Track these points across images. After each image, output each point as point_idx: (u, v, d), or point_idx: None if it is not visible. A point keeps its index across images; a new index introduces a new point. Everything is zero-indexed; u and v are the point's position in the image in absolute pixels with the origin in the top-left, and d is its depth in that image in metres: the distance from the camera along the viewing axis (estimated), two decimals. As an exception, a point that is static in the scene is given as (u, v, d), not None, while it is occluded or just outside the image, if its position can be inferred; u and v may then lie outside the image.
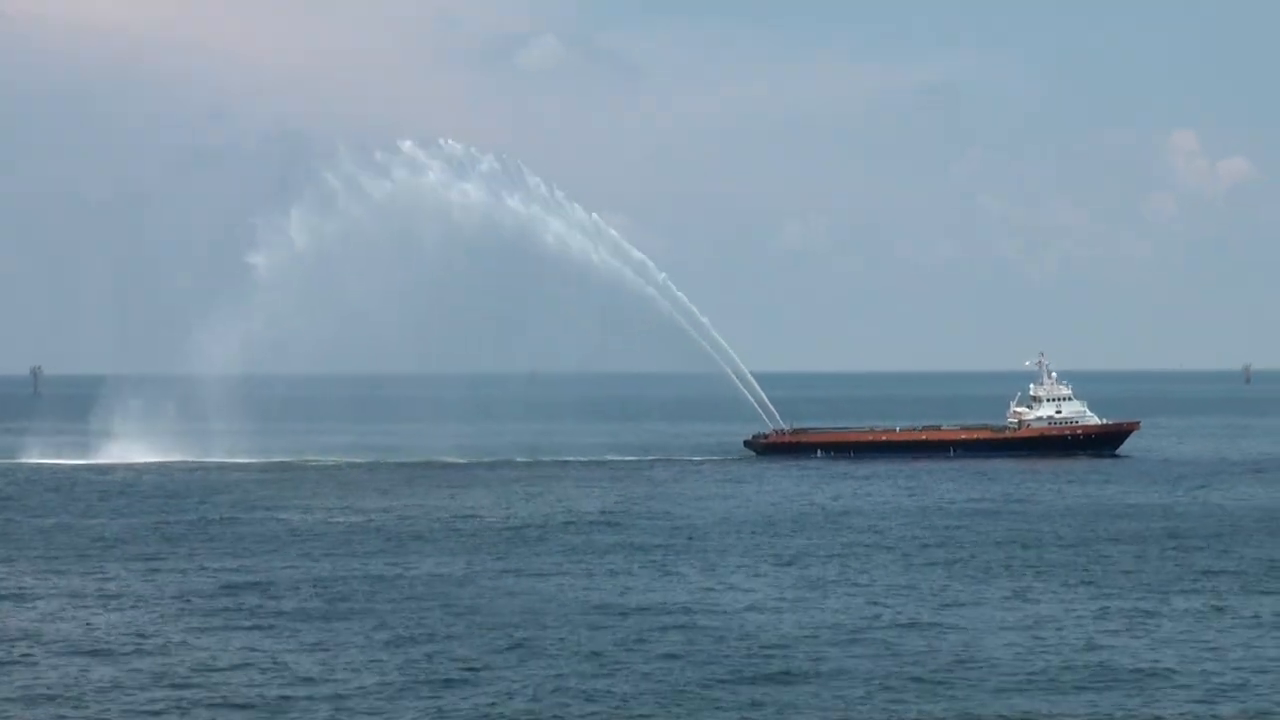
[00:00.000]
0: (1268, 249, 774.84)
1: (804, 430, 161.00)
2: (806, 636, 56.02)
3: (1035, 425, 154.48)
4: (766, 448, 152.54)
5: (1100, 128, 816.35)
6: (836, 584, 68.53)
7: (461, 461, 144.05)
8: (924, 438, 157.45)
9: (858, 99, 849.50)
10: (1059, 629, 57.61)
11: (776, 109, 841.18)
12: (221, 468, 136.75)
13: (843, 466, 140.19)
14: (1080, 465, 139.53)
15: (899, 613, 60.91)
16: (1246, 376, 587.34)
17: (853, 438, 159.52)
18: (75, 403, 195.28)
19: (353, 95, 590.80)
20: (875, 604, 63.07)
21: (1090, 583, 68.65)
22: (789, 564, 74.92)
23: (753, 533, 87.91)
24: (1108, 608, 62.10)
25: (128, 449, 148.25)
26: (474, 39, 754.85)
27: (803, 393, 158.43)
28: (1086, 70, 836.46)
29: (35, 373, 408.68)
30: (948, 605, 62.78)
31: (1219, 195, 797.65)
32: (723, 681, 49.22)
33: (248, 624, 59.19)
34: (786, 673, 50.33)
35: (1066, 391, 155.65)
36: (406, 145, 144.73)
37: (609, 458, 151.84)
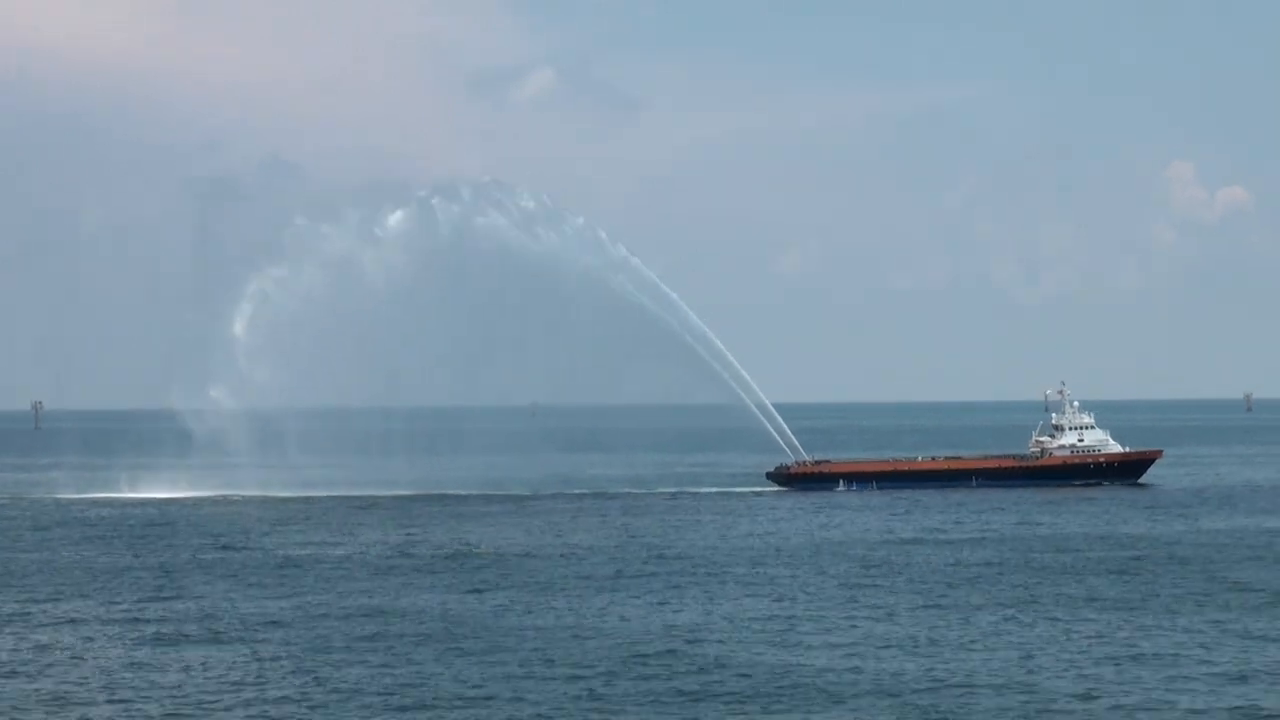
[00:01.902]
0: (1266, 276, 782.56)
1: (826, 461, 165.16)
2: (817, 670, 58.95)
3: (1058, 454, 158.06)
4: (790, 479, 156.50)
5: (1097, 155, 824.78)
6: (857, 617, 71.48)
7: (470, 494, 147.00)
8: (946, 467, 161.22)
9: (853, 126, 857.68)
10: (1065, 659, 60.52)
11: (772, 137, 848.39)
12: (215, 501, 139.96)
13: (866, 497, 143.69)
14: (1104, 494, 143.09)
15: (905, 644, 63.97)
16: (1248, 405, 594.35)
17: (875, 468, 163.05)
18: (75, 438, 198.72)
19: (348, 125, 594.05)
20: (885, 634, 66.21)
21: (1119, 613, 71.71)
22: (801, 595, 77.70)
23: (769, 564, 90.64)
24: (1134, 642, 65.03)
25: (130, 484, 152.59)
26: (470, 70, 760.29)
27: (798, 424, 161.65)
28: (1083, 97, 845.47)
29: (36, 408, 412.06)
30: (951, 640, 65.88)
31: (1216, 223, 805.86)
32: (718, 706, 52.24)
33: (241, 653, 62.22)
34: (788, 699, 53.34)
35: (1089, 420, 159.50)
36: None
37: (631, 490, 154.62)
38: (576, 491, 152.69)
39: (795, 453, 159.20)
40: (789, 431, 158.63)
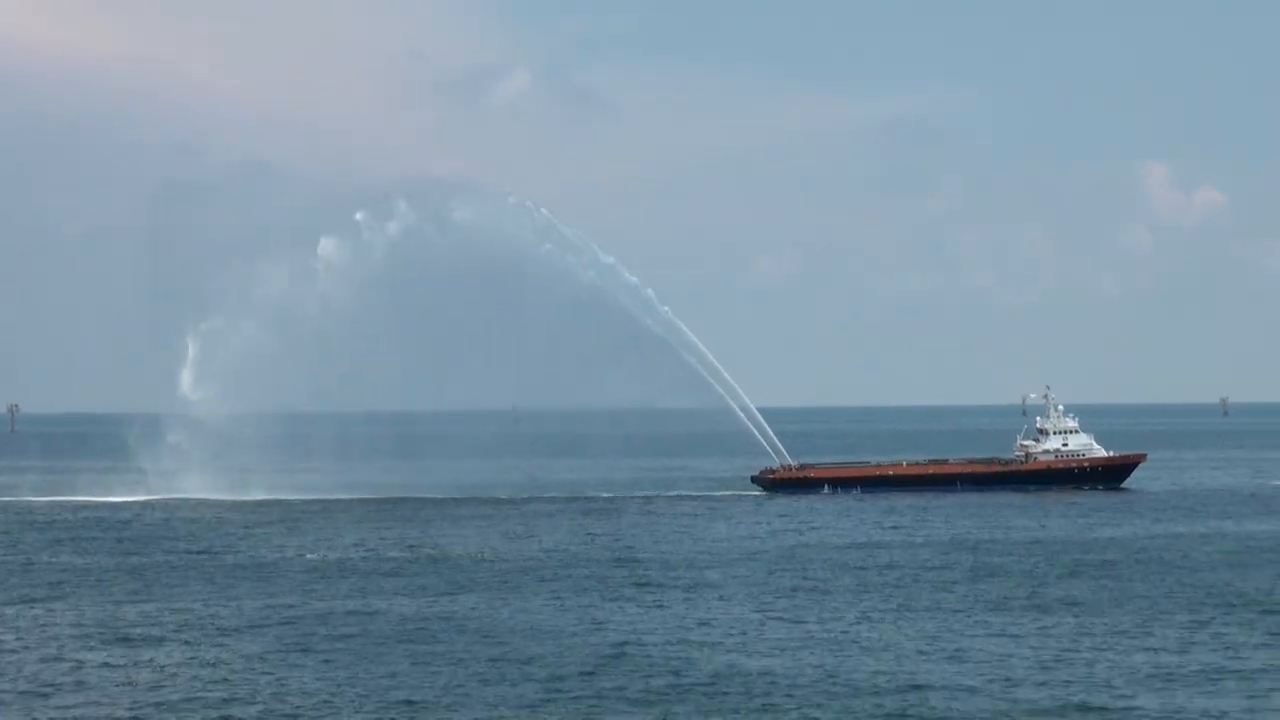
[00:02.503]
0: (1242, 280, 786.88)
1: (811, 465, 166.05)
2: (786, 675, 60.00)
3: (1042, 458, 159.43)
4: (774, 483, 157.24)
5: (1074, 158, 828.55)
6: (828, 620, 72.52)
7: (449, 498, 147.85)
8: (931, 472, 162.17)
9: (832, 132, 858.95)
10: (1034, 662, 61.72)
11: (749, 142, 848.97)
12: (199, 504, 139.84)
13: (849, 502, 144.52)
14: (1086, 499, 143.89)
15: (874, 646, 65.15)
16: (1224, 409, 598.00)
17: (860, 473, 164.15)
18: (52, 441, 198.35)
19: (323, 130, 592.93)
20: (861, 642, 67.31)
21: (1089, 618, 72.83)
22: (780, 600, 78.64)
23: (747, 568, 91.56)
24: (1102, 642, 66.24)
25: (104, 487, 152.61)
26: (449, 73, 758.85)
27: (774, 428, 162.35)
28: (1061, 101, 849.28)
29: (12, 410, 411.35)
30: (920, 642, 66.97)
31: (1192, 226, 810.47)
32: (686, 709, 53.28)
33: (228, 658, 63.22)
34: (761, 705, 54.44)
35: (1073, 424, 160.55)
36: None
37: (614, 495, 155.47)
38: (557, 496, 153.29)
39: (780, 457, 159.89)
40: (773, 436, 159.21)
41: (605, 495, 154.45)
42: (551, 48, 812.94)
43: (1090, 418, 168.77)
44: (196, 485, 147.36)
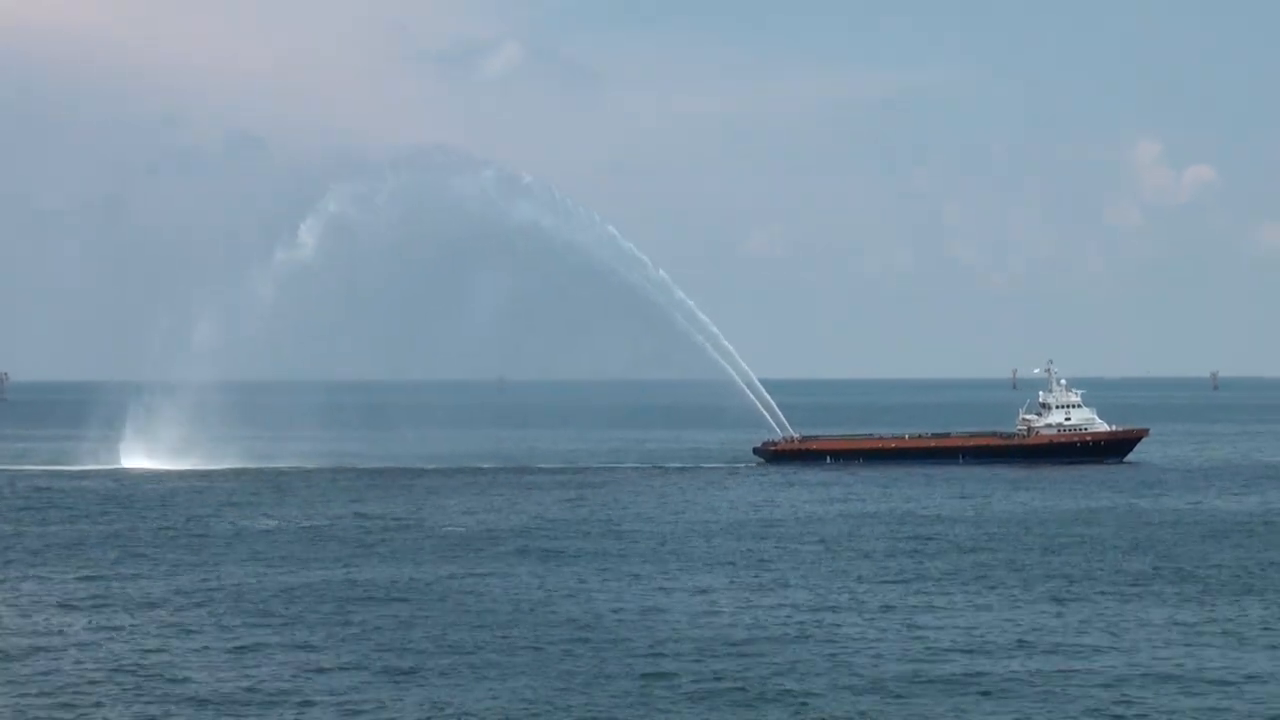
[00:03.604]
0: (1232, 255, 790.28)
1: (813, 438, 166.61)
2: (778, 646, 60.43)
3: (1044, 432, 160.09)
4: (776, 455, 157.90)
5: (1064, 137, 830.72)
6: (822, 594, 72.99)
7: (444, 468, 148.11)
8: (933, 445, 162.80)
9: (821, 109, 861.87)
10: (1014, 635, 62.14)
11: (739, 118, 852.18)
12: (184, 475, 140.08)
13: (851, 474, 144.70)
14: (1088, 473, 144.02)
15: (866, 621, 65.60)
16: (1214, 383, 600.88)
17: (862, 445, 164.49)
18: (43, 409, 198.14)
19: (311, 101, 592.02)
20: (851, 612, 67.78)
21: (1078, 591, 73.30)
22: (773, 572, 78.95)
23: (750, 540, 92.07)
24: (1088, 617, 66.72)
25: (103, 456, 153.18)
26: (436, 45, 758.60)
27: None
28: (1050, 80, 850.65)
29: (2, 379, 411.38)
30: (904, 613, 67.46)
31: (1183, 202, 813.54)
32: (684, 684, 53.57)
33: (208, 627, 63.80)
34: (748, 677, 54.81)
35: (1076, 398, 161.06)
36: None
37: (611, 465, 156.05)
38: (565, 466, 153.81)
39: (782, 429, 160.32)
40: (776, 407, 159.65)
41: (599, 466, 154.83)
42: (543, 19, 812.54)
43: (1085, 390, 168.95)
44: (167, 455, 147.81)
